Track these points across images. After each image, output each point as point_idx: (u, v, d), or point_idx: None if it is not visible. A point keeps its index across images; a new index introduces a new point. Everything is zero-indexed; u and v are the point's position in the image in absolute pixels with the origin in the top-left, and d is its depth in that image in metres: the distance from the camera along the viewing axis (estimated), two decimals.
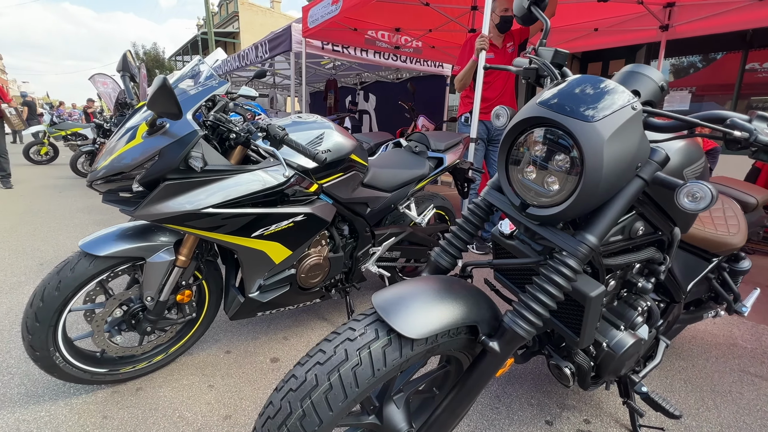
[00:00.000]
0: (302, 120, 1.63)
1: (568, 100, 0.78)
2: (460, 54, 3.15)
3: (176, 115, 1.07)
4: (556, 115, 0.77)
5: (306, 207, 1.53)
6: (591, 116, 0.73)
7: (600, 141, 0.71)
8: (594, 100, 0.76)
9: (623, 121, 0.72)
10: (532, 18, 1.09)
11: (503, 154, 0.90)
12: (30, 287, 2.40)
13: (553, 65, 0.97)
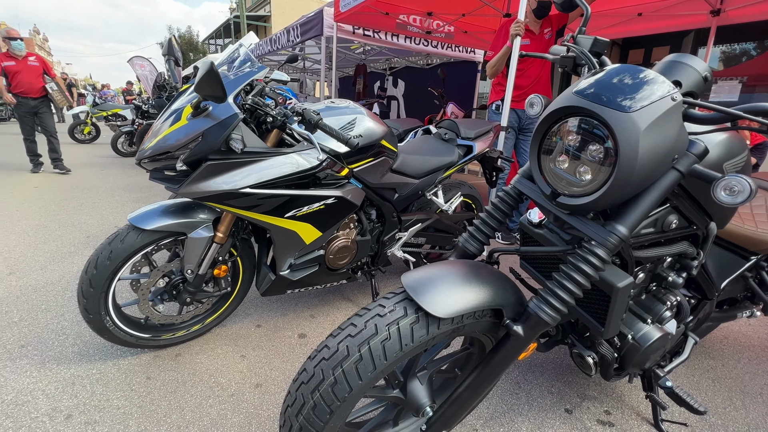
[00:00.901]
0: (335, 105, 1.66)
1: (605, 90, 0.78)
2: (494, 39, 3.08)
3: (221, 98, 1.13)
4: (591, 104, 0.77)
5: (337, 190, 1.58)
6: (628, 106, 0.73)
7: (636, 132, 0.71)
8: (632, 90, 0.75)
9: (661, 113, 0.72)
10: (573, 4, 1.07)
11: (536, 142, 0.91)
12: (78, 257, 2.58)
13: (591, 54, 0.95)
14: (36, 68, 5.06)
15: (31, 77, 5.01)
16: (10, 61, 4.91)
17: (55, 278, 2.27)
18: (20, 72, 4.93)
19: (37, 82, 5.05)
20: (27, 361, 1.56)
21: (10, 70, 4.91)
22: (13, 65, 4.90)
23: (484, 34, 6.10)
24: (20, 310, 1.92)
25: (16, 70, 4.92)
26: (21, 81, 4.95)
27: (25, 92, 4.99)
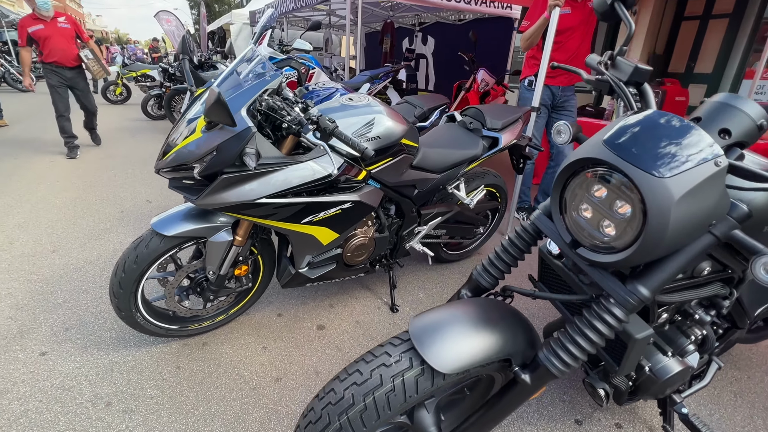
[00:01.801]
0: (352, 103, 1.59)
1: (638, 144, 0.70)
2: (531, 8, 2.82)
3: (230, 124, 1.09)
4: (621, 162, 0.69)
5: (354, 194, 1.55)
6: (663, 170, 0.65)
7: (669, 201, 0.64)
8: (670, 147, 0.67)
9: (701, 180, 0.64)
10: (614, 15, 0.94)
11: (558, 186, 0.84)
12: (114, 235, 2.72)
13: (630, 84, 0.85)
14: (67, 31, 4.27)
15: (63, 43, 4.23)
16: (37, 24, 4.08)
17: (93, 257, 2.41)
18: (51, 37, 4.13)
19: (70, 48, 4.29)
20: (71, 345, 1.70)
21: (40, 35, 4.09)
22: (41, 29, 4.09)
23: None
24: (63, 291, 2.07)
25: (46, 34, 4.11)
26: (53, 48, 4.16)
27: (59, 61, 4.23)
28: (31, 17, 4.12)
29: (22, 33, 4.06)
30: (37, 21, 4.10)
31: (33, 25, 4.09)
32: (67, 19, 4.32)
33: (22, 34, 4.06)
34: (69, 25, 4.29)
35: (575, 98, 2.99)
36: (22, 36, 4.07)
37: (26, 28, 4.08)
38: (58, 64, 4.26)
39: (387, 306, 2.07)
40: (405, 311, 2.05)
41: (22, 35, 4.07)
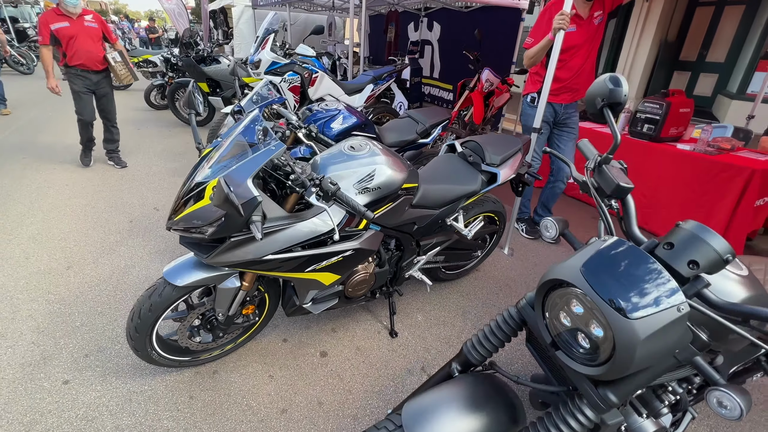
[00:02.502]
0: (354, 153, 1.63)
1: (612, 278, 0.76)
2: (535, 25, 2.78)
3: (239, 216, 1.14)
4: (595, 296, 0.76)
5: (355, 242, 1.62)
6: (631, 311, 0.72)
7: (635, 339, 0.71)
8: (640, 286, 0.74)
9: (666, 323, 0.71)
10: (603, 118, 0.99)
11: (541, 292, 0.91)
12: (125, 248, 2.82)
13: (612, 196, 0.90)
14: (94, 31, 3.81)
15: (90, 44, 3.78)
16: (62, 21, 3.62)
17: (106, 274, 2.52)
18: (77, 36, 3.68)
19: (97, 50, 3.84)
20: (91, 373, 1.82)
21: (64, 34, 3.63)
22: (66, 27, 3.63)
23: None
24: (80, 312, 2.19)
25: (72, 33, 3.65)
26: (79, 49, 3.71)
27: (86, 64, 3.80)
28: (55, 12, 3.64)
29: (44, 29, 3.61)
30: (61, 17, 3.63)
31: (57, 21, 3.62)
32: (94, 17, 3.87)
33: (44, 30, 3.61)
34: (96, 24, 3.85)
35: (577, 115, 2.99)
36: (44, 33, 3.62)
37: (49, 25, 3.60)
38: (83, 68, 3.83)
39: (387, 330, 2.18)
40: (404, 336, 2.16)
41: (44, 32, 3.62)
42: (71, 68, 3.81)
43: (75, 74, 3.85)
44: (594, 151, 1.07)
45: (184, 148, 5.19)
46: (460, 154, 2.19)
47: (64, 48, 3.70)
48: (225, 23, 14.34)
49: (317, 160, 1.65)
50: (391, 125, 2.96)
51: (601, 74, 1.01)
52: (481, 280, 2.70)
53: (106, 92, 4.09)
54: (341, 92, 4.32)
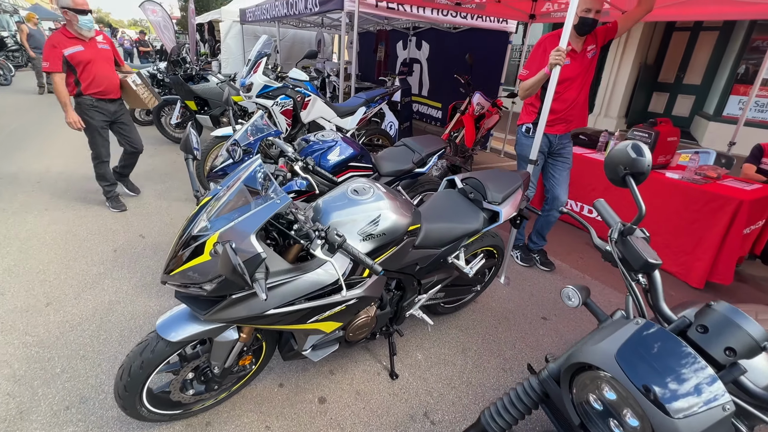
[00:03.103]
0: (357, 197, 1.59)
1: (651, 369, 0.73)
2: (530, 57, 2.81)
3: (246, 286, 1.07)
4: (634, 389, 0.72)
5: (359, 290, 1.57)
6: (674, 409, 0.68)
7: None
8: (676, 374, 0.71)
9: (711, 423, 0.68)
10: (624, 185, 0.97)
11: (569, 371, 0.87)
12: (108, 281, 2.69)
13: (639, 271, 0.88)
14: (108, 54, 3.40)
15: (108, 68, 3.38)
16: (75, 44, 3.15)
17: (88, 311, 2.39)
18: (93, 62, 3.23)
19: (114, 75, 3.44)
20: (73, 428, 1.70)
21: (79, 59, 3.17)
22: (81, 52, 3.17)
23: (520, 3, 5.56)
24: (60, 356, 2.06)
25: (87, 58, 3.20)
26: (98, 75, 3.27)
27: (104, 92, 3.36)
28: (65, 35, 3.16)
29: (55, 55, 3.09)
30: (74, 41, 3.17)
31: (69, 45, 3.14)
32: (105, 38, 3.44)
33: (56, 56, 3.09)
34: (108, 46, 3.42)
35: (571, 145, 3.02)
36: (55, 59, 3.10)
37: (60, 49, 3.10)
38: (101, 97, 3.36)
39: (387, 371, 2.11)
40: (404, 377, 2.09)
41: (56, 58, 3.10)
42: (85, 98, 3.33)
43: (90, 105, 3.36)
44: (615, 217, 1.05)
45: (170, 167, 5.06)
46: (460, 191, 2.17)
47: (78, 75, 3.23)
48: (213, 38, 14.25)
49: (320, 204, 1.60)
50: (387, 154, 2.93)
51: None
52: (479, 312, 2.67)
53: (127, 119, 3.68)
54: (333, 115, 4.29)
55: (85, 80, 3.26)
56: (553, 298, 2.88)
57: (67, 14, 3.07)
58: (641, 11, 2.63)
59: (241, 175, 1.41)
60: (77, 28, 3.14)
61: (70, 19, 3.08)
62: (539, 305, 2.80)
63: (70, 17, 3.08)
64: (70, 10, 3.03)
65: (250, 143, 2.36)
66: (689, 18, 6.32)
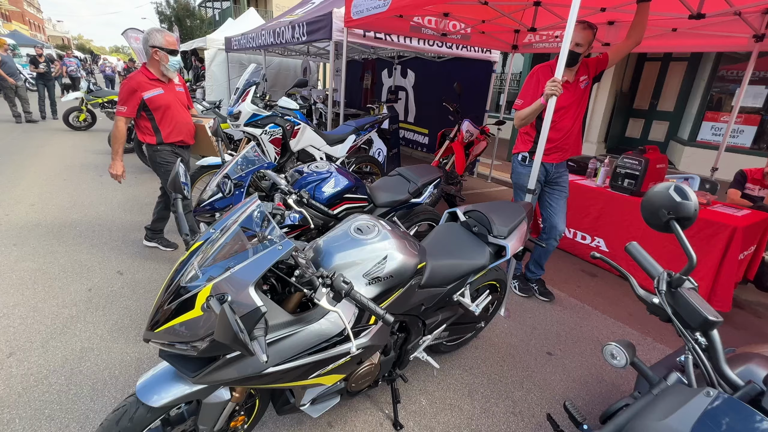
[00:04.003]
0: (361, 237, 1.48)
1: None
2: (524, 87, 2.82)
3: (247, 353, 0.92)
4: None
5: (364, 338, 1.43)
6: None
7: None
8: None
9: None
10: (667, 230, 0.89)
11: None
12: (81, 324, 2.46)
13: (694, 330, 0.79)
14: (183, 98, 3.09)
15: (185, 114, 3.06)
16: (156, 87, 2.84)
17: (57, 362, 2.16)
18: (171, 106, 2.93)
19: (190, 120, 3.12)
20: None
21: (159, 103, 2.85)
22: (161, 95, 2.85)
23: (502, 34, 5.72)
24: (23, 418, 1.82)
25: (167, 102, 2.90)
26: (179, 122, 2.98)
27: (184, 140, 3.07)
28: (146, 76, 2.83)
29: (134, 98, 2.78)
30: (154, 83, 2.85)
31: (150, 88, 2.81)
32: (180, 80, 3.12)
33: (133, 99, 2.78)
34: (183, 89, 3.10)
35: (567, 173, 3.01)
36: (131, 102, 2.78)
37: (141, 92, 2.78)
38: (181, 144, 3.08)
39: (390, 421, 1.95)
40: (409, 427, 1.93)
41: (133, 101, 2.78)
42: (165, 146, 3.00)
43: (170, 152, 3.05)
44: (657, 265, 0.97)
45: (151, 197, 4.84)
46: (463, 224, 2.08)
47: (157, 122, 2.90)
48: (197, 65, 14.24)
49: (320, 245, 1.48)
50: (382, 185, 2.85)
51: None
52: (482, 349, 2.54)
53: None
54: (323, 143, 4.22)
55: (165, 128, 2.95)
56: (556, 331, 2.79)
57: (157, 54, 2.79)
58: (631, 43, 2.68)
59: (238, 218, 1.28)
60: (164, 68, 2.86)
61: (160, 59, 2.81)
62: (543, 339, 2.69)
63: (159, 57, 2.81)
64: (161, 49, 2.77)
65: (241, 176, 2.24)
66: (660, 50, 6.66)
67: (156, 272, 3.13)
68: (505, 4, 4.34)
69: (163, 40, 2.78)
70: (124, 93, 2.80)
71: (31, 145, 7.30)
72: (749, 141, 7.66)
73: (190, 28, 22.40)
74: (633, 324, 2.93)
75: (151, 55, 2.80)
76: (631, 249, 1.02)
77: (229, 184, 2.04)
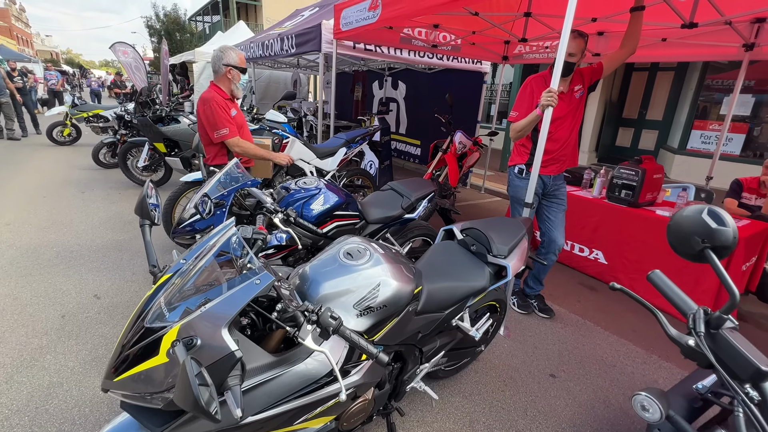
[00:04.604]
0: (351, 262, 1.35)
1: None
2: (518, 99, 2.75)
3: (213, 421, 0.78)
4: None
5: (356, 375, 1.30)
6: None
7: None
8: None
9: None
10: (701, 260, 0.78)
11: None
12: (51, 356, 2.28)
13: (744, 382, 0.67)
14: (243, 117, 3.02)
15: (249, 134, 3.04)
16: (233, 107, 2.82)
17: (21, 400, 1.97)
18: (244, 126, 2.94)
19: (252, 140, 3.09)
20: None
21: (239, 123, 2.88)
22: (238, 114, 2.85)
23: (492, 45, 5.71)
24: None
25: (241, 122, 2.91)
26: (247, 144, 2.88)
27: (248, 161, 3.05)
28: (221, 95, 2.75)
29: (229, 114, 2.72)
30: (229, 102, 2.80)
31: (231, 107, 2.79)
32: None
33: (231, 118, 2.73)
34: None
35: (565, 186, 2.92)
36: (231, 122, 2.72)
37: (229, 110, 2.75)
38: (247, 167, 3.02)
39: None
40: None
41: (232, 121, 2.73)
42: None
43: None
44: (689, 300, 0.85)
45: (134, 215, 4.63)
46: (460, 242, 1.97)
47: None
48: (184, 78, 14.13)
49: (307, 271, 1.35)
50: (374, 200, 2.73)
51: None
52: (482, 373, 2.40)
53: None
54: (313, 156, 4.11)
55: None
56: (558, 351, 2.66)
57: (231, 72, 2.74)
58: (625, 52, 2.62)
59: (212, 246, 1.15)
60: (234, 87, 2.80)
61: (233, 77, 2.76)
62: (545, 359, 2.56)
63: (233, 75, 2.76)
64: (234, 68, 2.74)
65: (222, 195, 2.10)
66: (650, 60, 6.71)
67: (136, 295, 2.96)
68: (496, 14, 4.31)
69: (237, 59, 2.74)
70: (221, 114, 2.68)
71: (12, 161, 7.09)
72: (738, 149, 7.71)
73: (180, 41, 22.35)
74: (637, 341, 2.82)
75: (224, 73, 2.73)
76: (655, 279, 0.91)
77: (209, 204, 1.90)
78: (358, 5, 4.04)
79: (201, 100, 2.69)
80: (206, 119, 2.69)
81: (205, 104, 2.67)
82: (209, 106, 2.66)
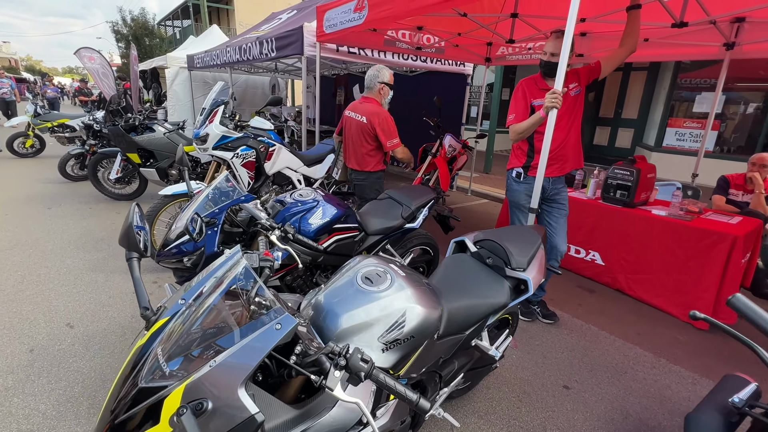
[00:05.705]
0: (372, 289, 1.19)
1: None
2: (512, 102, 2.67)
3: None
4: None
5: (384, 417, 1.15)
6: None
7: None
8: None
9: None
10: None
11: None
12: (16, 399, 2.02)
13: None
14: None
15: None
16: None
17: None
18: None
19: None
20: None
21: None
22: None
23: (475, 47, 5.67)
24: None
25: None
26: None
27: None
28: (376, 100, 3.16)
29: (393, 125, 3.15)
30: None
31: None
32: None
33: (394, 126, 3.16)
34: None
35: (566, 189, 2.85)
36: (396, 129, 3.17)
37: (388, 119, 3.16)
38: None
39: None
40: None
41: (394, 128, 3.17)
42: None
43: None
44: None
45: (107, 231, 4.35)
46: (474, 255, 1.84)
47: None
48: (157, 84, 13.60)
49: (320, 301, 1.19)
50: (372, 210, 2.58)
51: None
52: (495, 388, 2.29)
53: None
54: (300, 164, 3.93)
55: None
56: (568, 359, 2.58)
57: (383, 89, 3.12)
58: (624, 51, 2.58)
59: (218, 282, 0.97)
60: (384, 102, 3.17)
61: (384, 93, 3.15)
62: (556, 370, 2.48)
63: (384, 92, 3.14)
64: (387, 85, 3.12)
65: (213, 213, 1.91)
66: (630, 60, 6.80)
67: (114, 322, 2.71)
68: (483, 15, 4.25)
69: (389, 77, 3.13)
70: (393, 124, 3.11)
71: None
72: (711, 145, 7.96)
73: (150, 47, 21.58)
74: (644, 345, 2.77)
75: (377, 89, 3.11)
76: (737, 304, 0.80)
77: (200, 223, 1.71)
78: (343, 6, 3.89)
79: (372, 113, 3.00)
80: (382, 129, 3.02)
81: (380, 116, 3.01)
82: (383, 118, 3.03)
